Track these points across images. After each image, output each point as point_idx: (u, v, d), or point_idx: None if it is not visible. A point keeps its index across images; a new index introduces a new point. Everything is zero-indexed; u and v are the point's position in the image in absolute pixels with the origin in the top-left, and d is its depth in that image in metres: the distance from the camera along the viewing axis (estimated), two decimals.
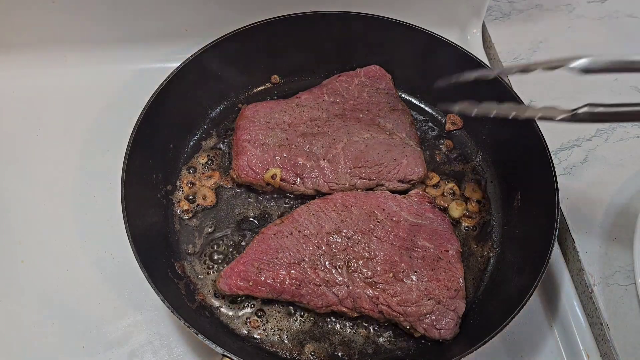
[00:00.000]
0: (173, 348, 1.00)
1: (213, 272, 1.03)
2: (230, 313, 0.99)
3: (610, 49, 1.36)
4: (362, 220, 1.00)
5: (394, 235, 0.99)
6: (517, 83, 1.29)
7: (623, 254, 1.06)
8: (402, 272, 0.96)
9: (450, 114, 1.21)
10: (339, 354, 0.96)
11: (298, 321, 0.99)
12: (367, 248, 0.97)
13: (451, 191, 1.12)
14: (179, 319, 0.87)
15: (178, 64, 1.10)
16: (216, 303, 1.00)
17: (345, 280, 0.95)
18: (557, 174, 0.99)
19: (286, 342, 0.97)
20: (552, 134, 1.18)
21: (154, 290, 0.89)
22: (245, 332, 0.98)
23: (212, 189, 1.11)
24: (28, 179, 1.17)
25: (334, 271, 0.96)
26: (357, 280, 0.95)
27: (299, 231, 0.99)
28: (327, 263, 0.96)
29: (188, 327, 0.86)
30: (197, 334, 0.86)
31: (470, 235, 1.08)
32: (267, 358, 0.95)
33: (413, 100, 1.25)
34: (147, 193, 1.05)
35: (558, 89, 1.29)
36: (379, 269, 0.96)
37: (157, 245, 1.02)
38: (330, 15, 1.18)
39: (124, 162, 0.99)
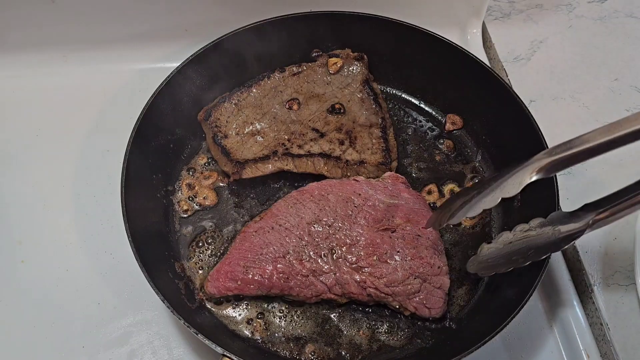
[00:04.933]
0: (173, 348, 1.00)
1: None
2: (231, 313, 0.99)
3: (610, 49, 1.36)
4: (340, 207, 1.01)
5: (373, 218, 1.00)
6: (517, 83, 1.30)
7: (623, 254, 1.06)
8: (386, 253, 0.97)
9: (450, 114, 1.21)
10: (343, 352, 0.96)
11: (298, 321, 0.99)
12: (348, 234, 0.98)
13: (451, 192, 1.12)
14: (179, 319, 0.87)
15: (178, 64, 1.10)
16: (216, 303, 1.00)
17: (332, 267, 0.96)
18: (557, 174, 0.99)
19: (286, 342, 0.97)
20: (552, 134, 1.18)
21: (154, 290, 0.89)
22: (246, 331, 0.98)
23: (212, 189, 1.11)
24: (28, 179, 1.17)
25: (319, 260, 0.97)
26: (343, 266, 0.96)
27: (280, 225, 1.00)
28: (311, 253, 0.97)
29: (188, 327, 0.87)
30: (197, 334, 0.86)
31: (470, 235, 1.08)
32: (267, 358, 0.95)
33: (413, 100, 1.25)
34: (147, 193, 1.05)
35: (558, 87, 1.29)
36: (362, 253, 0.97)
37: (157, 245, 1.02)
38: (329, 15, 1.18)
39: (124, 162, 0.99)
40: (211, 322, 0.98)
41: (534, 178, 0.78)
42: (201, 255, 1.04)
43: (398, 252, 0.97)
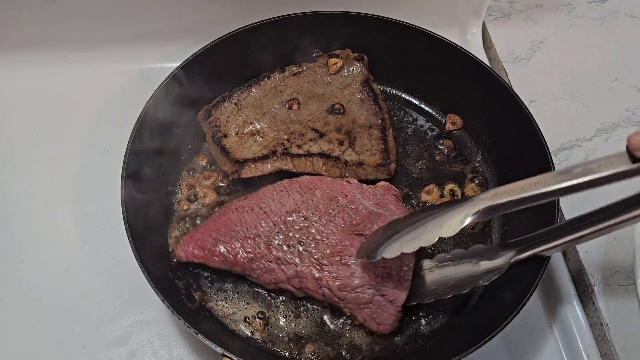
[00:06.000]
0: (173, 348, 1.00)
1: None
2: (230, 313, 0.99)
3: (610, 49, 1.36)
4: (322, 204, 1.01)
5: (351, 221, 0.99)
6: (517, 83, 1.29)
7: (623, 254, 1.06)
8: (350, 256, 0.96)
9: (451, 114, 1.21)
10: (343, 352, 0.96)
11: (298, 321, 0.99)
12: (320, 230, 0.98)
13: (451, 192, 1.12)
14: (179, 319, 0.87)
15: (178, 64, 1.10)
16: (216, 302, 1.00)
17: (296, 259, 0.96)
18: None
19: (286, 342, 0.97)
20: (552, 134, 1.18)
21: (154, 290, 0.89)
22: (245, 332, 0.98)
23: (212, 189, 1.11)
24: (28, 179, 1.17)
25: (285, 249, 0.97)
26: (306, 260, 0.96)
27: (260, 208, 1.00)
28: (281, 241, 0.98)
29: (188, 327, 0.87)
30: (197, 334, 0.86)
31: (469, 235, 1.08)
32: (267, 358, 0.95)
33: (413, 100, 1.25)
34: (147, 193, 1.05)
35: (558, 87, 1.29)
36: (328, 251, 0.96)
37: (157, 245, 1.02)
38: (330, 15, 1.18)
39: (124, 162, 1.00)
40: (211, 322, 0.98)
41: (468, 221, 0.80)
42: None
43: None
